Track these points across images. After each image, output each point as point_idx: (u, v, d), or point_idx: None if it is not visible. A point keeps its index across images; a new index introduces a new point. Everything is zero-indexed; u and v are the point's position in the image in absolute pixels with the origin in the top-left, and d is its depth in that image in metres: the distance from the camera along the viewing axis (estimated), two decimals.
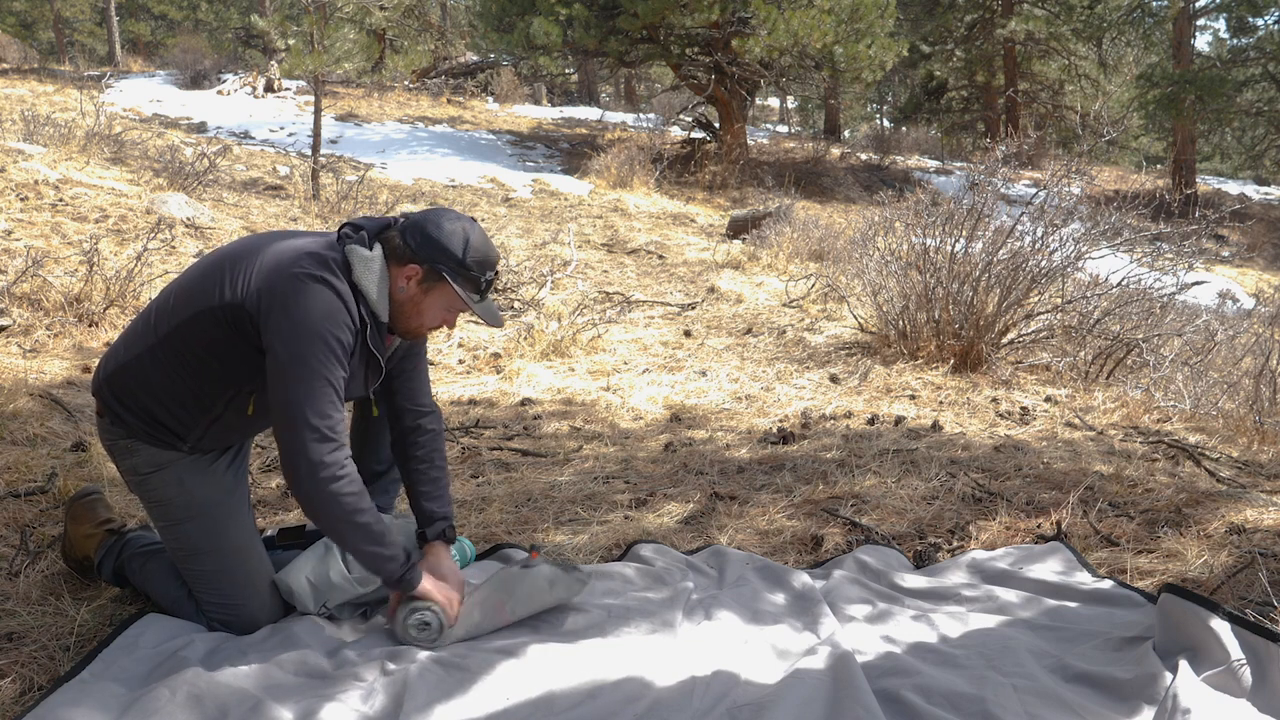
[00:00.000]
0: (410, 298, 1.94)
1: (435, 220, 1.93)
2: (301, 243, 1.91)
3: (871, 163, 18.01)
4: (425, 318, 1.97)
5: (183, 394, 1.90)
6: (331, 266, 1.85)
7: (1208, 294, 8.61)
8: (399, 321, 1.97)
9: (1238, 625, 1.73)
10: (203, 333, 1.86)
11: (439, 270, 1.91)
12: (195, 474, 1.97)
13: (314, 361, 1.78)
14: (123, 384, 1.95)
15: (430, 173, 12.61)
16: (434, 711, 1.67)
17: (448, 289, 1.92)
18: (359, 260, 1.88)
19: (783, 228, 9.27)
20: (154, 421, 1.93)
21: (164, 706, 1.64)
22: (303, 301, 1.79)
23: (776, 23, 12.47)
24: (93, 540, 2.12)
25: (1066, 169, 5.76)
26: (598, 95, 24.61)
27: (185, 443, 1.95)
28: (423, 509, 2.12)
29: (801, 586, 2.21)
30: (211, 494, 1.98)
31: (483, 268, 1.93)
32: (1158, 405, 3.99)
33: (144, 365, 1.92)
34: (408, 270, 1.91)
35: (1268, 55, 18.92)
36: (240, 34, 23.35)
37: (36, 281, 4.44)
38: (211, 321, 1.85)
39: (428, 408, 2.17)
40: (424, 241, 1.91)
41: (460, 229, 1.93)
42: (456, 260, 1.90)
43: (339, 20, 14.16)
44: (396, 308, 1.95)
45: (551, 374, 4.67)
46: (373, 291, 1.88)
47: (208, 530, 1.97)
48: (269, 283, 1.81)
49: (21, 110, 9.75)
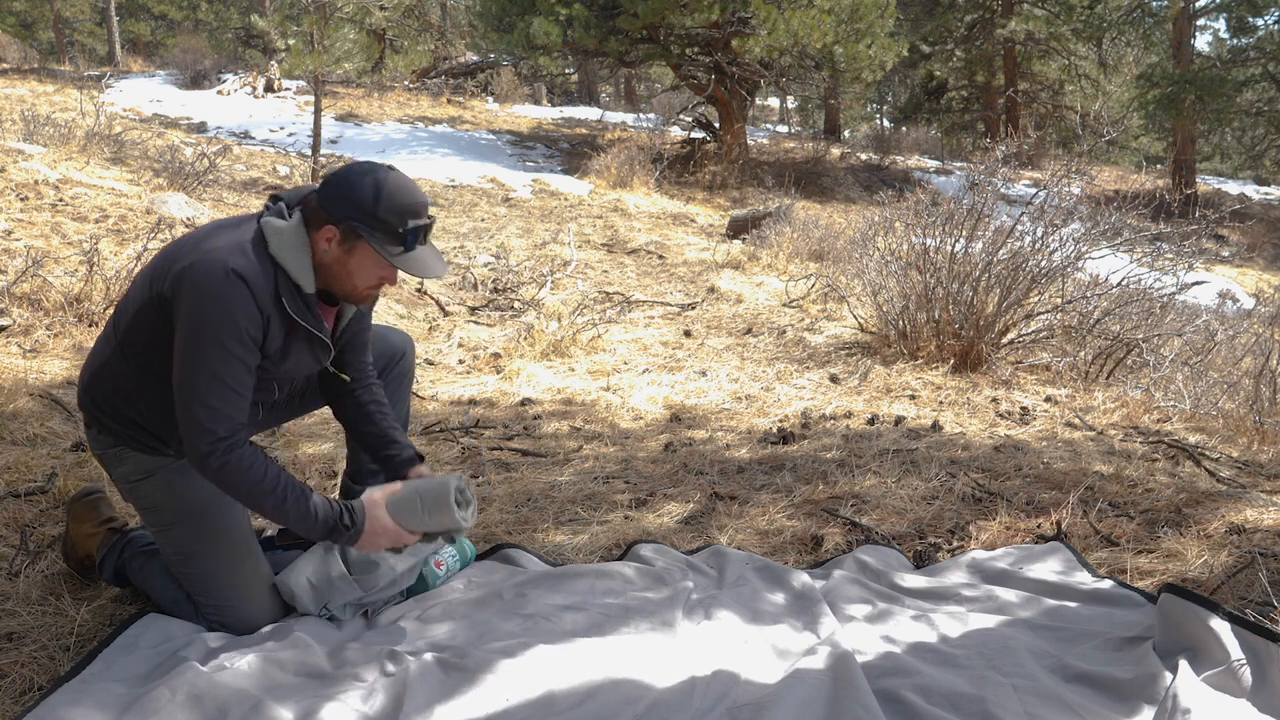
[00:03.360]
0: (335, 260, 1.85)
1: (346, 174, 1.84)
2: (221, 227, 1.87)
3: (871, 163, 18.01)
4: (357, 279, 1.88)
5: (153, 397, 1.88)
6: (243, 247, 1.80)
7: (1208, 294, 8.60)
8: (334, 287, 1.90)
9: (1238, 625, 1.73)
10: (148, 325, 1.85)
11: (354, 227, 1.81)
12: (185, 477, 1.96)
13: (204, 353, 1.76)
14: (100, 391, 1.96)
15: (430, 173, 12.61)
16: (434, 712, 1.67)
17: (367, 246, 1.83)
18: (272, 233, 1.82)
19: (783, 228, 9.27)
20: (136, 427, 1.93)
21: (164, 706, 1.64)
22: (200, 291, 1.76)
23: (776, 23, 12.47)
24: (94, 539, 2.12)
25: (1066, 169, 5.76)
26: (598, 95, 24.61)
27: (169, 446, 1.95)
28: (399, 439, 2.13)
29: (801, 586, 2.21)
30: (202, 496, 1.97)
31: (401, 216, 1.81)
32: (1158, 405, 3.99)
33: (114, 369, 1.93)
34: (325, 232, 1.83)
35: (1268, 55, 18.92)
36: (240, 34, 23.35)
37: (36, 281, 4.44)
38: (152, 313, 1.84)
39: (373, 371, 2.18)
40: (334, 198, 1.82)
41: (371, 179, 1.81)
42: (367, 213, 1.80)
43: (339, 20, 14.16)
44: (325, 273, 1.87)
45: (551, 374, 4.67)
46: (289, 261, 1.82)
47: (199, 533, 1.96)
48: (181, 271, 1.79)
49: (21, 110, 9.75)
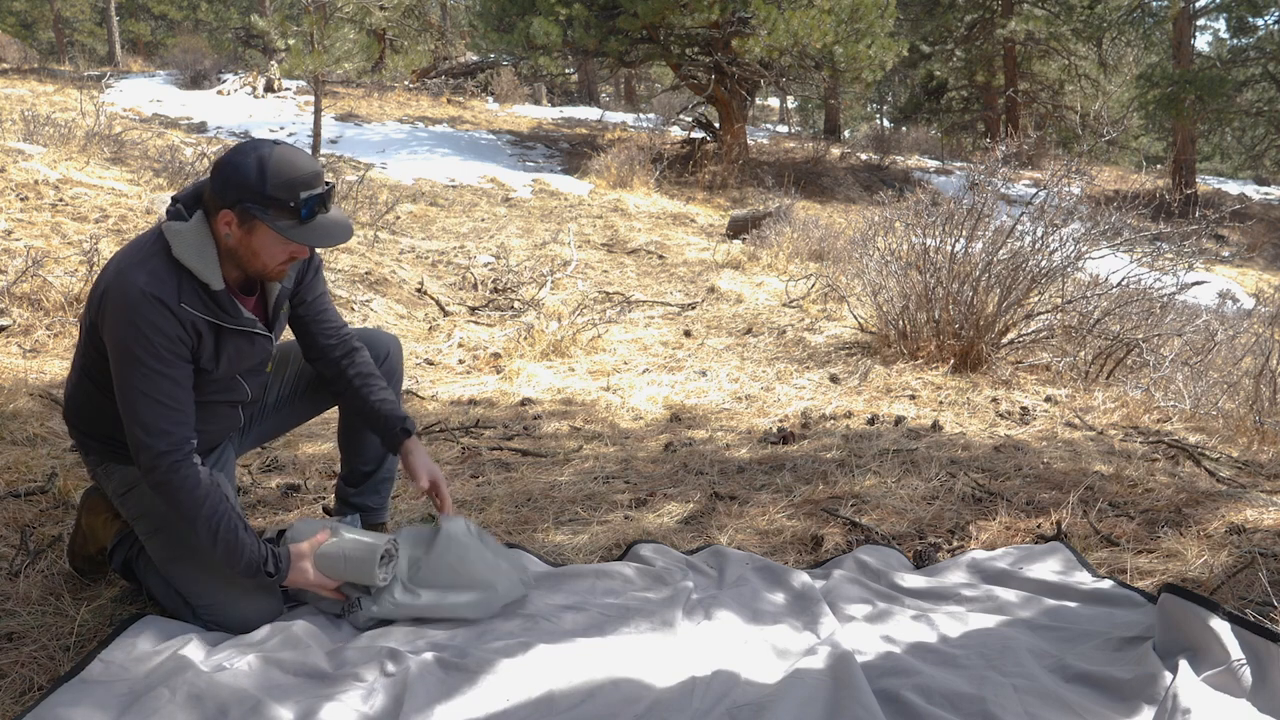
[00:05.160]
0: (239, 243, 1.84)
1: (230, 157, 1.82)
2: (134, 245, 1.88)
3: (871, 163, 18.01)
4: (264, 258, 1.86)
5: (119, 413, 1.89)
6: (147, 262, 1.81)
7: (1208, 294, 8.60)
8: (247, 269, 1.89)
9: (1238, 625, 1.73)
10: (94, 348, 1.90)
11: (247, 209, 1.79)
12: None
13: (130, 374, 1.80)
14: (76, 411, 2.01)
15: (430, 173, 12.61)
16: (434, 712, 1.67)
17: (263, 225, 1.81)
18: (173, 236, 1.82)
19: (783, 228, 9.27)
20: (113, 441, 1.96)
21: (164, 706, 1.64)
22: (117, 316, 1.78)
23: (776, 23, 12.47)
24: (111, 529, 2.13)
25: (1066, 169, 5.76)
26: (598, 95, 24.61)
27: None
28: (389, 412, 2.14)
29: (801, 586, 2.21)
30: None
31: (291, 189, 1.78)
32: (1158, 405, 3.99)
33: (84, 390, 1.97)
34: (223, 217, 1.82)
35: (1268, 55, 18.93)
36: (240, 34, 23.34)
37: (36, 281, 4.44)
38: (95, 337, 1.88)
39: (347, 330, 2.18)
40: (223, 183, 1.80)
41: (255, 157, 1.79)
42: (256, 192, 1.78)
43: (339, 20, 14.15)
44: (232, 258, 1.86)
45: (551, 374, 4.67)
46: (192, 261, 1.81)
47: (182, 536, 1.96)
48: (99, 298, 1.83)
49: (21, 110, 9.74)
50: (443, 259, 7.80)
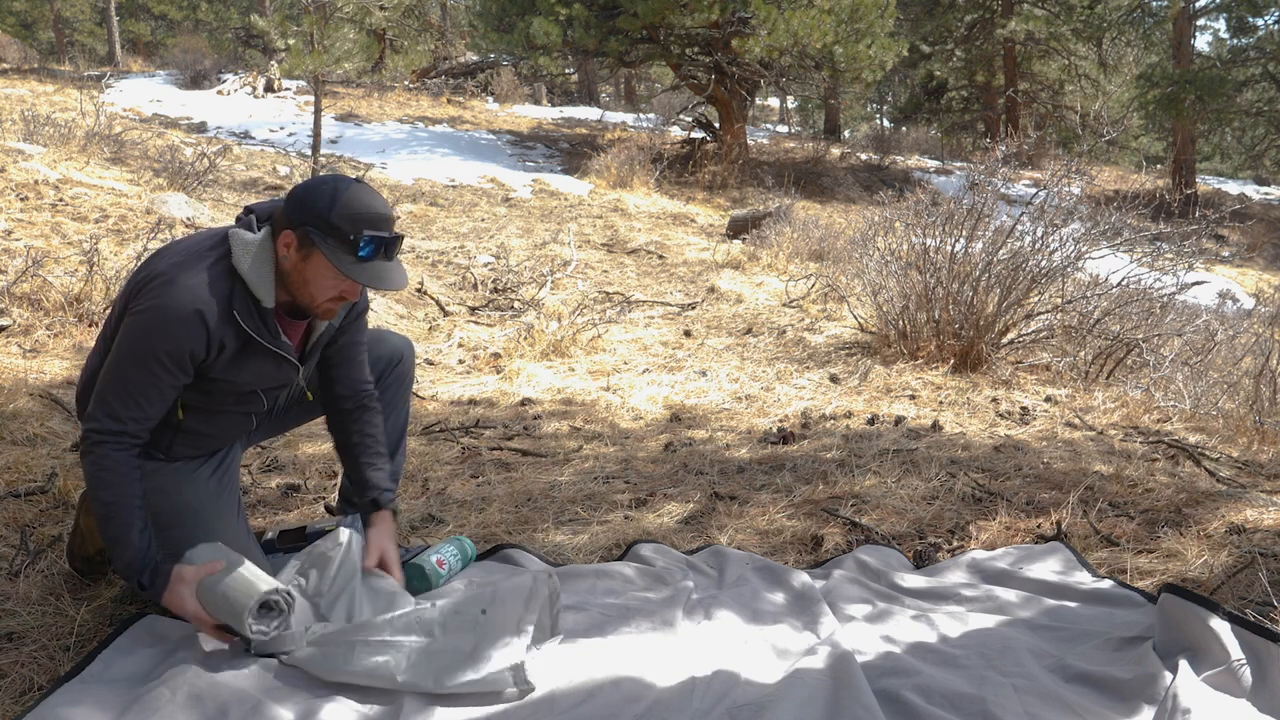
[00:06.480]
0: (293, 267, 1.84)
1: (310, 182, 1.85)
2: (194, 247, 1.87)
3: (871, 163, 18.01)
4: (313, 289, 1.85)
5: None
6: (204, 259, 1.81)
7: (1208, 294, 8.60)
8: (296, 298, 1.89)
9: (1238, 625, 1.73)
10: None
11: (308, 233, 1.80)
12: (177, 481, 1.99)
13: (130, 362, 1.80)
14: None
15: (430, 173, 12.61)
16: (434, 712, 1.67)
17: (320, 254, 1.80)
18: (238, 244, 1.83)
19: (783, 228, 9.28)
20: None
21: (164, 706, 1.64)
22: (158, 317, 1.78)
23: (776, 23, 12.47)
24: None
25: (1066, 169, 5.76)
26: (598, 95, 24.61)
27: (160, 450, 1.97)
28: (369, 479, 2.13)
29: (801, 586, 2.21)
30: (195, 499, 1.99)
31: (355, 224, 1.78)
32: (1158, 405, 3.99)
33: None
34: (284, 238, 1.83)
35: (1268, 55, 18.93)
36: (240, 34, 23.34)
37: (36, 281, 4.44)
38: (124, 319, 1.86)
39: (369, 387, 2.17)
40: (294, 204, 1.82)
41: (330, 186, 1.81)
42: (321, 218, 1.78)
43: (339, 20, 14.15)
44: (285, 281, 1.87)
45: (551, 374, 4.67)
46: (249, 274, 1.81)
47: (193, 535, 1.96)
48: (147, 280, 1.83)
49: (21, 110, 9.74)
50: (443, 259, 7.80)
